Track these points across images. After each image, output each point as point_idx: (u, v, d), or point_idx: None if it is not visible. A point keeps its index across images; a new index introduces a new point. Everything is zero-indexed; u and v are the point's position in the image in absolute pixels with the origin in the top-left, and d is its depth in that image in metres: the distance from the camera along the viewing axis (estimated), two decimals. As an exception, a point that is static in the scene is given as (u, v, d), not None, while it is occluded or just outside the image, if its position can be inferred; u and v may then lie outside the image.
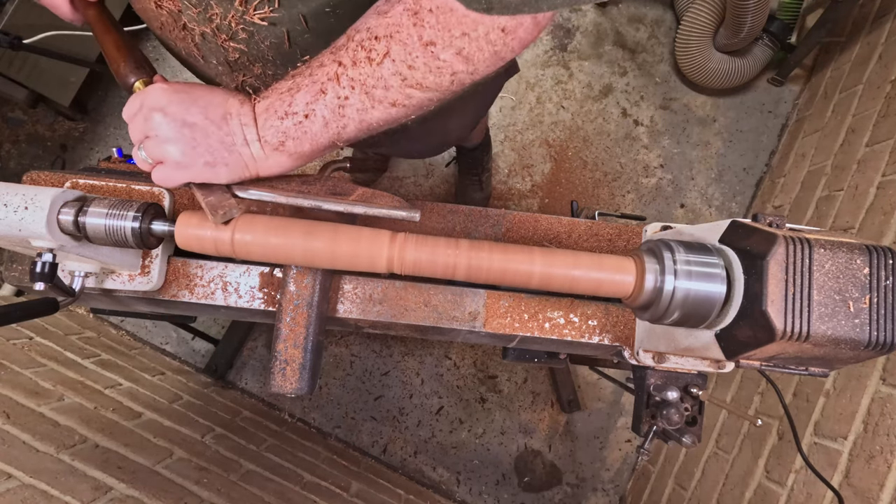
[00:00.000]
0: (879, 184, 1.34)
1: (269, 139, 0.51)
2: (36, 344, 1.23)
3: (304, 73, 0.50)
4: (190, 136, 0.50)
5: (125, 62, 0.57)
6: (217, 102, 0.51)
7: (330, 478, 1.31)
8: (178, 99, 0.50)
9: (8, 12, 1.35)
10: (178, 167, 0.51)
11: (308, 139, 0.51)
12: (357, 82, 0.47)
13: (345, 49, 0.47)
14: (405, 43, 0.45)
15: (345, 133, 0.51)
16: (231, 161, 0.52)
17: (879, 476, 0.98)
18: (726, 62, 1.81)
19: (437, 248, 0.54)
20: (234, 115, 0.51)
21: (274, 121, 0.50)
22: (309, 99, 0.49)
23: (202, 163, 0.51)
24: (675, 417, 0.64)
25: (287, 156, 0.52)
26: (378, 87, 0.47)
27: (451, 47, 0.45)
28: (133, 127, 0.52)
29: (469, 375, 1.79)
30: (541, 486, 1.75)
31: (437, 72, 0.46)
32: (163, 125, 0.49)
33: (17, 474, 0.76)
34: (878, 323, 0.45)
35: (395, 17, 0.45)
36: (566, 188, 1.90)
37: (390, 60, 0.46)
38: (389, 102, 0.48)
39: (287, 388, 0.60)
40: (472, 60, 0.46)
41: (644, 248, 0.55)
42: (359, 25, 0.48)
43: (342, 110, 0.49)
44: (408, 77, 0.47)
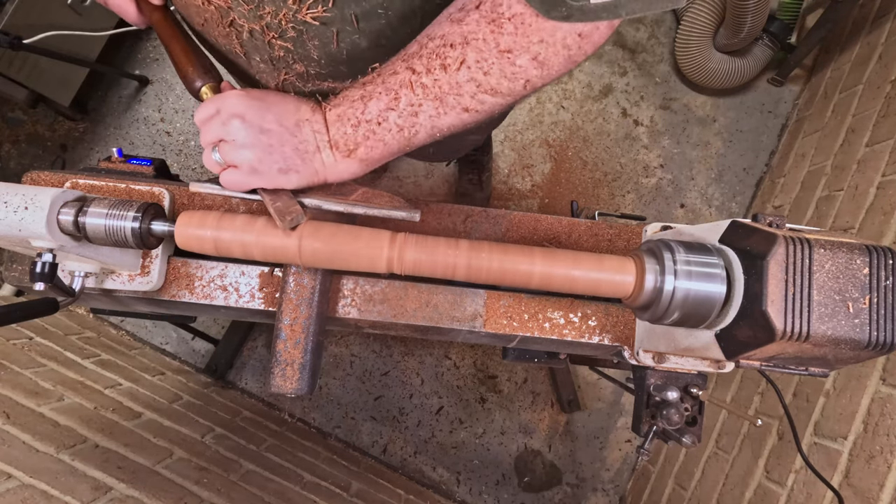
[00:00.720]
0: (879, 184, 1.34)
1: (342, 146, 0.52)
2: (36, 344, 1.23)
3: (375, 80, 0.50)
4: (266, 143, 0.51)
5: (193, 67, 0.58)
6: (290, 110, 0.52)
7: (330, 478, 1.31)
8: (255, 106, 0.51)
9: (8, 12, 1.35)
10: (253, 172, 0.52)
11: (380, 146, 0.52)
12: (431, 89, 0.48)
13: (418, 56, 0.48)
14: (481, 50, 0.46)
15: (415, 139, 0.52)
16: (303, 168, 0.52)
17: (879, 476, 0.98)
18: (726, 62, 1.81)
19: (437, 249, 0.54)
20: (306, 123, 0.52)
21: (347, 128, 0.51)
22: (382, 107, 0.50)
23: (276, 169, 0.52)
24: (675, 417, 0.64)
25: (357, 162, 0.53)
26: (452, 93, 0.48)
27: (528, 53, 0.45)
28: (207, 130, 0.52)
29: (469, 375, 1.79)
30: (541, 486, 1.75)
31: (511, 77, 0.47)
32: (241, 131, 0.50)
33: (17, 474, 0.76)
34: (878, 323, 0.45)
35: (471, 25, 0.45)
36: (566, 188, 1.90)
37: (465, 67, 0.47)
38: (462, 108, 0.49)
39: (287, 389, 0.60)
40: (547, 65, 0.47)
41: (644, 249, 0.55)
42: (431, 32, 0.48)
43: (415, 117, 0.50)
44: (482, 83, 0.47)
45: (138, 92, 1.86)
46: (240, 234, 0.54)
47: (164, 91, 1.87)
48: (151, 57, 1.88)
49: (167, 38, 0.61)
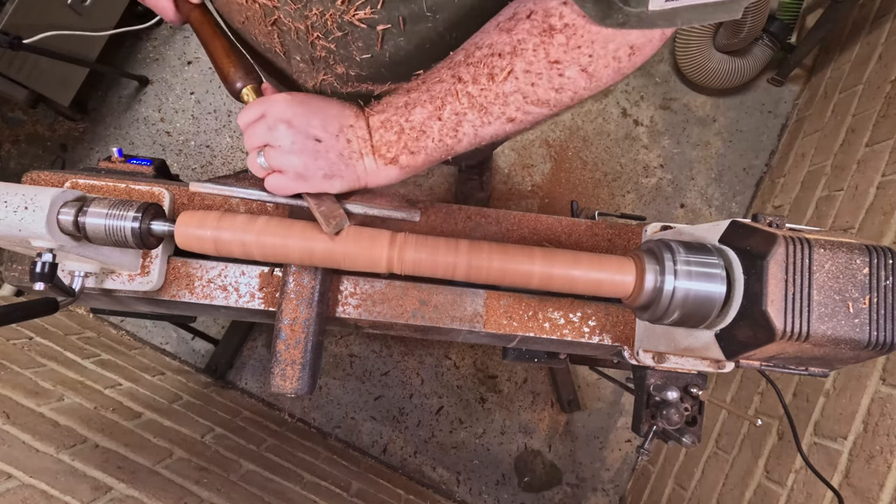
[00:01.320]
0: (879, 184, 1.34)
1: (384, 153, 0.52)
2: (36, 344, 1.23)
3: (420, 88, 0.50)
4: (312, 149, 0.51)
5: (235, 68, 0.58)
6: (334, 115, 0.52)
7: (330, 478, 1.31)
8: (301, 111, 0.51)
9: (8, 12, 1.35)
10: (299, 178, 0.52)
11: (422, 154, 0.52)
12: (476, 99, 0.48)
13: (465, 65, 0.48)
14: (530, 61, 0.45)
15: (458, 147, 0.52)
16: (346, 173, 0.53)
17: (879, 476, 0.98)
18: (726, 62, 1.81)
19: (437, 249, 0.54)
20: (350, 129, 0.52)
21: (390, 135, 0.51)
22: (427, 115, 0.50)
23: (321, 175, 0.52)
24: (675, 417, 0.64)
25: (398, 168, 0.53)
26: (497, 103, 0.48)
27: (577, 64, 0.45)
28: (252, 134, 0.52)
29: (469, 375, 1.79)
30: (541, 486, 1.75)
31: (559, 89, 0.47)
32: (287, 136, 0.50)
33: (17, 474, 0.76)
34: (877, 323, 0.45)
35: (520, 34, 0.45)
36: (566, 188, 1.90)
37: (513, 78, 0.46)
38: (507, 118, 0.49)
39: (287, 388, 0.60)
40: (596, 77, 0.46)
41: (644, 249, 0.55)
42: (479, 41, 0.48)
43: (459, 126, 0.50)
44: (529, 94, 0.47)
45: (138, 92, 1.86)
46: (240, 233, 0.54)
47: (164, 91, 1.87)
48: (151, 57, 1.89)
49: (207, 37, 0.60)
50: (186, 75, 1.88)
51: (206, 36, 0.61)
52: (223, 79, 0.59)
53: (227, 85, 0.59)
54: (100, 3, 1.59)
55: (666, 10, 0.41)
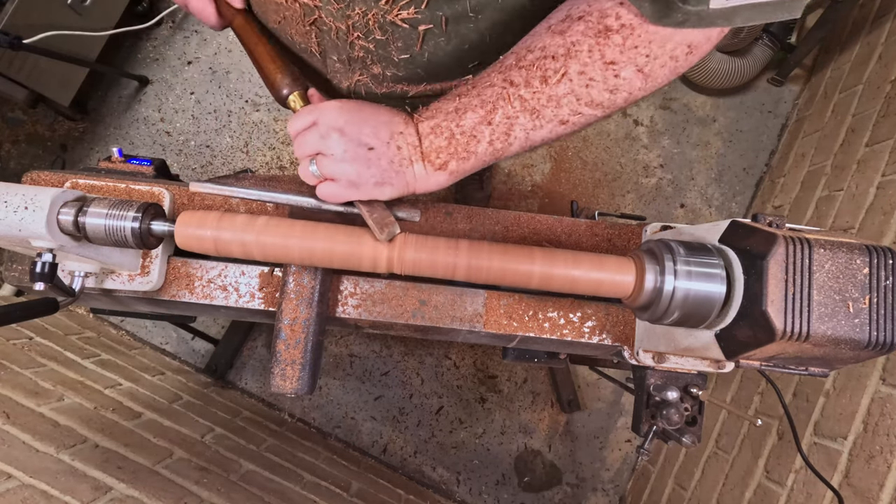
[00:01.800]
0: (879, 184, 1.34)
1: (434, 159, 0.52)
2: (36, 344, 1.23)
3: (470, 93, 0.50)
4: (364, 157, 0.50)
5: (282, 74, 0.57)
6: (384, 121, 0.51)
7: (330, 478, 1.31)
8: (353, 119, 0.51)
9: (8, 12, 1.35)
10: (351, 186, 0.51)
11: (472, 158, 0.51)
12: (528, 102, 0.47)
13: (516, 68, 0.47)
14: (585, 62, 0.44)
15: (509, 151, 0.51)
16: (396, 180, 0.52)
17: (879, 476, 0.98)
18: (726, 62, 1.81)
19: (437, 249, 0.54)
20: (400, 136, 0.51)
21: (440, 141, 0.51)
22: (478, 120, 0.49)
23: (373, 182, 0.51)
24: (675, 417, 0.64)
25: (448, 174, 0.53)
26: (550, 106, 0.47)
27: (634, 65, 0.44)
28: (304, 141, 0.52)
29: (469, 375, 1.79)
30: (541, 486, 1.75)
31: (613, 90, 0.46)
32: (340, 144, 0.50)
33: (17, 474, 0.76)
34: (877, 323, 0.45)
35: (574, 36, 0.44)
36: (566, 188, 1.90)
37: (567, 80, 0.45)
38: (559, 121, 0.48)
39: (287, 389, 0.60)
40: (652, 77, 0.45)
41: (644, 249, 0.55)
42: (530, 44, 0.47)
43: (511, 130, 0.49)
44: (583, 97, 0.46)
45: (138, 92, 1.86)
46: (240, 233, 0.54)
47: (164, 91, 1.87)
48: (151, 57, 1.89)
49: (252, 44, 0.60)
50: (186, 75, 1.88)
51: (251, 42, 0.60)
52: (269, 85, 0.58)
53: (274, 91, 0.58)
54: (100, 3, 1.59)
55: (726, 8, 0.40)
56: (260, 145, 1.86)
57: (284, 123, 1.88)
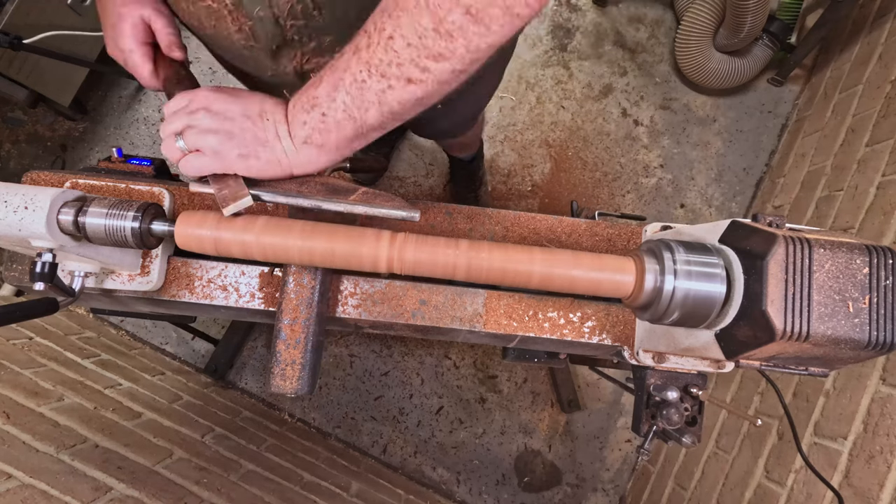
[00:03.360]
0: (879, 184, 1.34)
1: (298, 133, 0.53)
2: (36, 344, 1.23)
3: (327, 65, 0.51)
4: (228, 129, 0.53)
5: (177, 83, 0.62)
6: (255, 100, 0.55)
7: (330, 478, 1.31)
8: (223, 98, 0.54)
9: (8, 12, 1.35)
10: (215, 156, 0.53)
11: (332, 128, 0.52)
12: (372, 63, 0.47)
13: (361, 33, 0.48)
14: (412, 11, 0.44)
15: (367, 117, 0.51)
16: (263, 155, 0.54)
17: (879, 476, 0.98)
18: (726, 62, 1.81)
19: (437, 249, 0.54)
20: (268, 112, 0.54)
21: (301, 114, 0.52)
22: (330, 88, 0.50)
23: (236, 154, 0.53)
24: (675, 417, 0.64)
25: (316, 148, 0.54)
26: (392, 63, 0.47)
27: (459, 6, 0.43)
28: (174, 119, 0.54)
29: (469, 375, 1.79)
30: (541, 486, 1.75)
31: (447, 37, 0.44)
32: (205, 118, 0.53)
33: (17, 474, 0.76)
34: (877, 323, 0.45)
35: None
36: (566, 188, 1.90)
37: (399, 34, 0.45)
38: (406, 79, 0.48)
39: (287, 389, 0.60)
40: (484, 21, 0.44)
41: (644, 249, 0.55)
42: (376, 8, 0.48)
43: (361, 93, 0.49)
44: (419, 47, 0.45)
45: (138, 92, 1.86)
46: (240, 233, 0.54)
47: (164, 91, 1.87)
48: (151, 57, 1.88)
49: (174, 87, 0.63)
50: (186, 75, 1.88)
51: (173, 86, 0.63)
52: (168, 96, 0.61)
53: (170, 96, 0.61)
54: (100, 3, 1.59)
55: None
56: (260, 145, 1.86)
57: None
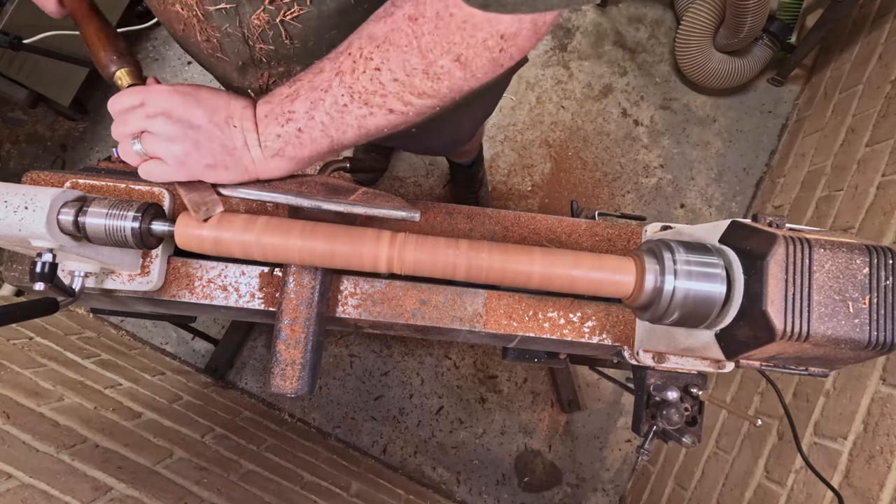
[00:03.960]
0: (879, 184, 1.34)
1: (270, 144, 0.52)
2: (36, 344, 1.23)
3: (304, 78, 0.50)
4: (194, 138, 0.50)
5: (106, 51, 0.57)
6: (220, 105, 0.51)
7: (330, 478, 1.31)
8: (183, 101, 0.51)
9: (8, 12, 1.35)
10: (180, 166, 0.51)
11: (308, 145, 0.51)
12: (355, 90, 0.47)
13: (346, 55, 0.47)
14: (403, 49, 0.44)
15: (344, 138, 0.51)
16: (231, 164, 0.52)
17: (879, 476, 0.98)
18: (726, 62, 1.81)
19: (437, 249, 0.54)
20: (236, 119, 0.51)
21: (274, 127, 0.51)
22: (308, 106, 0.49)
23: (203, 164, 0.51)
24: (675, 417, 0.64)
25: (287, 160, 0.53)
26: (377, 93, 0.47)
27: (450, 54, 0.44)
28: (127, 120, 0.52)
29: (469, 375, 1.79)
30: (541, 486, 1.75)
31: (434, 78, 0.46)
32: (167, 125, 0.50)
33: (17, 474, 0.76)
34: (878, 323, 0.45)
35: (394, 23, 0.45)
36: (566, 188, 1.90)
37: (387, 68, 0.46)
38: (388, 109, 0.48)
39: (287, 389, 0.60)
40: (471, 67, 0.45)
41: (644, 249, 0.55)
42: (360, 31, 0.48)
43: (341, 116, 0.49)
44: (406, 84, 0.46)
45: (138, 92, 1.86)
46: (240, 234, 0.54)
47: (164, 91, 1.87)
48: (151, 57, 1.88)
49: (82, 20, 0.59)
50: (186, 75, 1.88)
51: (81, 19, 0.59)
52: (97, 63, 0.58)
53: (101, 69, 0.57)
54: (99, 4, 1.59)
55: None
56: (260, 145, 1.86)
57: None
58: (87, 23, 0.59)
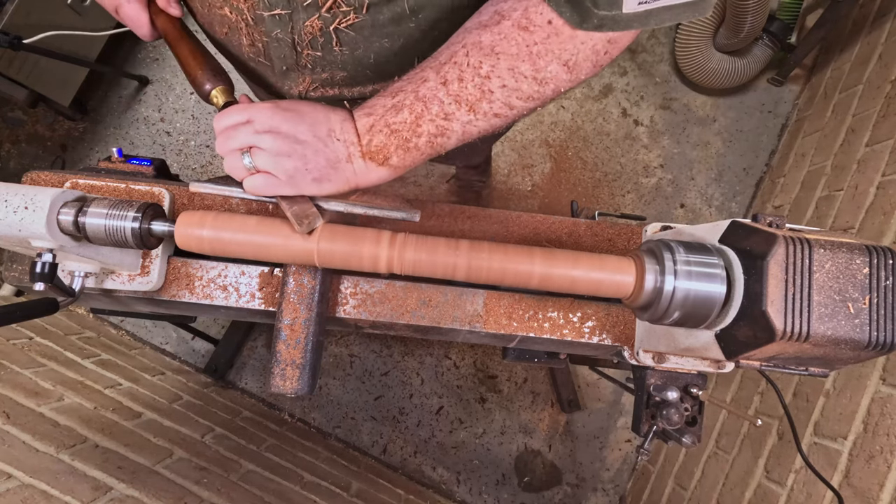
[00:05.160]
0: (879, 184, 1.34)
1: (374, 155, 0.52)
2: (36, 344, 1.23)
3: (406, 89, 0.51)
4: (301, 153, 0.51)
5: (202, 70, 0.58)
6: (321, 119, 0.52)
7: (330, 478, 1.31)
8: (288, 117, 0.51)
9: (8, 12, 1.35)
10: (288, 180, 0.52)
11: (413, 153, 0.52)
12: (462, 98, 0.49)
13: (450, 64, 0.49)
14: (513, 57, 0.46)
15: (447, 144, 0.52)
16: (335, 177, 0.53)
17: (879, 476, 0.98)
18: (726, 62, 1.81)
19: (437, 249, 0.54)
20: (338, 132, 0.52)
21: (380, 138, 0.51)
22: (414, 117, 0.50)
23: (310, 179, 0.52)
24: (675, 417, 0.64)
25: (389, 168, 0.53)
26: (483, 100, 0.49)
27: (559, 60, 0.46)
28: (235, 136, 0.52)
29: (469, 375, 1.79)
30: (541, 486, 1.75)
31: (542, 83, 0.48)
32: (276, 141, 0.50)
33: (17, 474, 0.76)
34: (877, 323, 0.45)
35: (502, 32, 0.46)
36: (566, 188, 1.90)
37: (496, 75, 0.47)
38: (493, 114, 0.50)
39: (287, 389, 0.60)
40: (577, 70, 0.48)
41: (644, 249, 0.55)
42: (464, 40, 0.49)
43: (446, 124, 0.50)
44: (513, 89, 0.48)
45: (138, 92, 1.86)
46: (240, 234, 0.54)
47: (164, 91, 1.87)
48: (151, 57, 1.88)
49: (174, 41, 0.60)
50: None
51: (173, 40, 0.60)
52: (192, 81, 0.59)
53: (196, 87, 0.59)
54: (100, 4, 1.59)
55: (640, 12, 0.42)
56: (260, 145, 1.86)
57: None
58: (180, 44, 0.60)
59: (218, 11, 0.56)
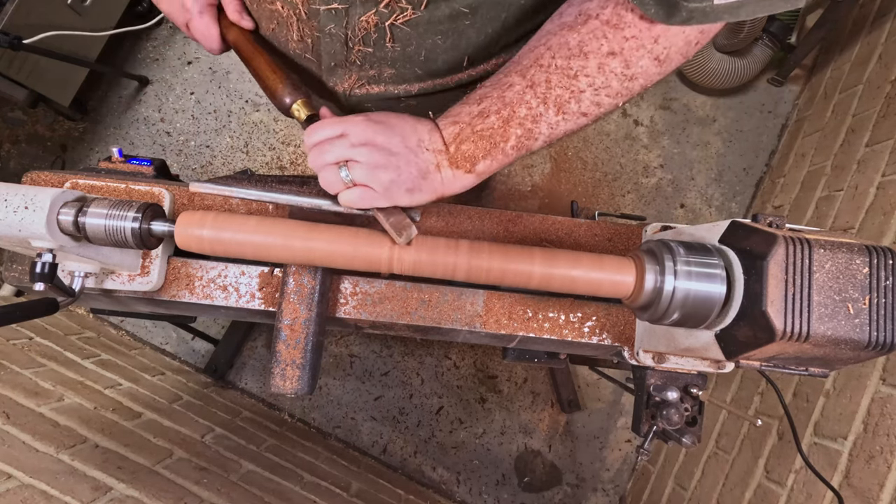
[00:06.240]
0: (879, 184, 1.34)
1: (462, 163, 0.52)
2: (36, 344, 1.23)
3: (491, 95, 0.51)
4: (395, 165, 0.51)
5: (283, 84, 0.58)
6: (409, 130, 0.52)
7: (330, 478, 1.31)
8: (381, 129, 0.51)
9: (8, 12, 1.35)
10: (385, 192, 0.52)
11: (500, 158, 0.52)
12: (549, 99, 0.49)
13: (536, 67, 0.48)
14: (603, 55, 0.46)
15: (533, 146, 0.52)
16: (426, 186, 0.53)
17: (879, 476, 0.98)
18: (726, 62, 1.81)
19: (437, 250, 0.54)
20: (426, 143, 0.52)
21: (467, 145, 0.52)
22: (502, 122, 0.50)
23: (404, 189, 0.52)
24: (675, 417, 0.64)
25: (475, 175, 0.54)
26: (572, 100, 0.49)
27: (650, 55, 0.46)
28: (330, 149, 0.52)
29: (469, 375, 1.79)
30: (541, 486, 1.75)
31: (631, 78, 0.48)
32: (373, 154, 0.51)
33: (17, 474, 0.76)
34: (877, 323, 0.45)
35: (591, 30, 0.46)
36: (566, 188, 1.90)
37: (584, 74, 0.47)
38: (580, 113, 0.50)
39: (287, 389, 0.60)
40: (667, 63, 0.47)
41: (644, 249, 0.55)
42: (548, 42, 0.48)
43: (534, 127, 0.50)
44: (602, 87, 0.48)
45: (138, 92, 1.86)
46: (240, 234, 0.54)
47: (164, 91, 1.87)
48: (151, 57, 1.88)
49: (249, 54, 0.60)
50: (186, 75, 1.88)
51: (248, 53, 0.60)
52: (271, 95, 0.59)
53: (276, 101, 0.58)
54: (100, 3, 1.59)
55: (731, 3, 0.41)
56: (260, 145, 1.86)
57: (285, 124, 1.88)
58: (256, 58, 0.60)
59: (268, 6, 0.56)
